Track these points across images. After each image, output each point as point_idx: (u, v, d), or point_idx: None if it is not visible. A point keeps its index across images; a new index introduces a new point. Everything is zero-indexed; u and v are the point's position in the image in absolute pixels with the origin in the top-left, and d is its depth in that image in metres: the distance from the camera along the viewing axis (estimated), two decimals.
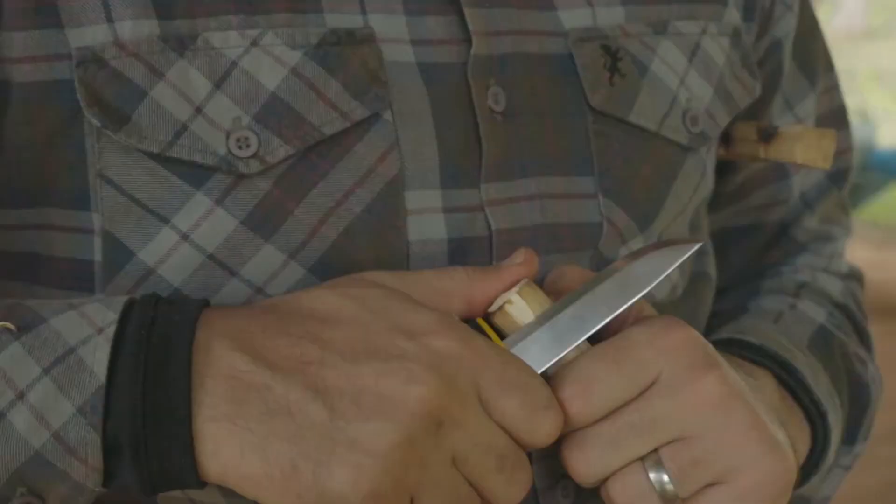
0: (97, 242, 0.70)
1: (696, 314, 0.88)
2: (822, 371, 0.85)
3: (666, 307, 0.82)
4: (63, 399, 0.63)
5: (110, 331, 0.64)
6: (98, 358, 0.63)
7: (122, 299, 0.65)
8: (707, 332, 0.87)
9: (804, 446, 0.80)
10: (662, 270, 0.71)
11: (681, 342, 0.70)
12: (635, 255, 0.72)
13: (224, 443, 0.63)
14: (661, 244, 0.73)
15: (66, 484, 0.64)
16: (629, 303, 0.70)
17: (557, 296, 0.71)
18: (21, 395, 0.63)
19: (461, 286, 0.69)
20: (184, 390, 0.63)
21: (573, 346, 0.69)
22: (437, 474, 0.64)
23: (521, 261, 0.71)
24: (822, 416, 0.81)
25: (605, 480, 0.70)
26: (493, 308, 0.70)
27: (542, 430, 0.66)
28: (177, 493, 0.71)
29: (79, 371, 0.63)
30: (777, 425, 0.72)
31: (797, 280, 0.96)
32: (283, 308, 0.67)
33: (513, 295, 0.69)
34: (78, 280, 0.71)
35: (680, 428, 0.69)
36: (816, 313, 0.92)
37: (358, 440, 0.62)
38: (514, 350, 0.68)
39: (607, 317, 0.69)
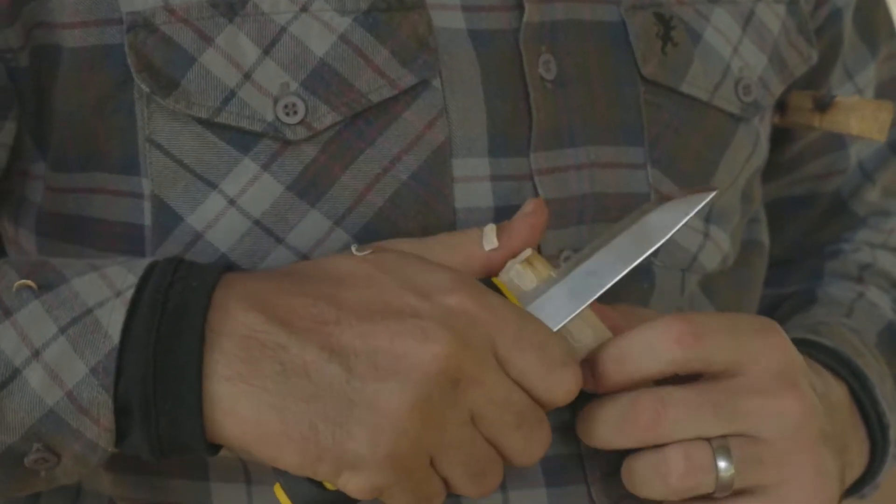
0: (147, 207, 0.70)
1: (749, 283, 0.87)
2: (888, 373, 0.84)
3: (718, 278, 0.81)
4: (77, 359, 0.63)
5: (128, 294, 0.64)
6: (114, 319, 0.63)
7: (144, 262, 0.66)
8: (777, 318, 0.84)
9: (859, 469, 0.80)
10: (677, 222, 0.70)
11: (777, 347, 0.70)
12: (650, 206, 0.71)
13: (240, 402, 0.63)
14: (676, 194, 0.72)
15: (79, 442, 0.64)
16: (644, 255, 0.69)
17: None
18: (36, 353, 0.63)
19: (478, 242, 0.69)
20: (194, 353, 0.63)
21: (589, 302, 0.69)
22: (456, 434, 0.64)
23: (531, 209, 0.70)
24: (884, 430, 0.80)
25: (656, 448, 0.69)
26: (501, 274, 0.70)
27: (561, 387, 0.65)
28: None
29: (94, 332, 0.63)
30: (836, 453, 0.72)
31: (859, 261, 0.94)
32: (301, 272, 0.67)
33: (517, 263, 0.69)
34: (129, 244, 0.71)
35: (757, 427, 0.69)
36: (884, 303, 0.91)
37: (375, 401, 0.62)
38: (529, 308, 0.68)
39: (622, 271, 0.69)
